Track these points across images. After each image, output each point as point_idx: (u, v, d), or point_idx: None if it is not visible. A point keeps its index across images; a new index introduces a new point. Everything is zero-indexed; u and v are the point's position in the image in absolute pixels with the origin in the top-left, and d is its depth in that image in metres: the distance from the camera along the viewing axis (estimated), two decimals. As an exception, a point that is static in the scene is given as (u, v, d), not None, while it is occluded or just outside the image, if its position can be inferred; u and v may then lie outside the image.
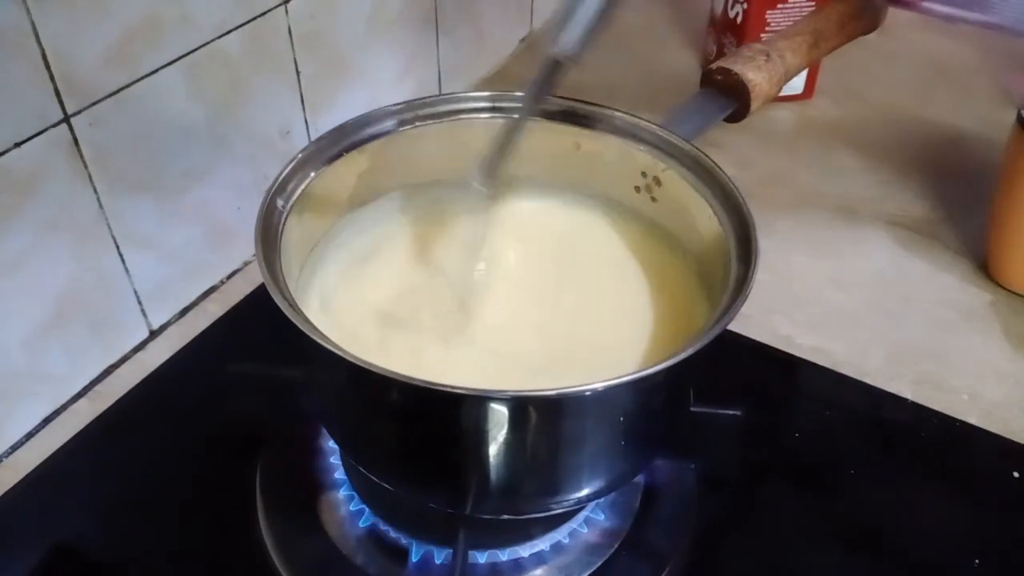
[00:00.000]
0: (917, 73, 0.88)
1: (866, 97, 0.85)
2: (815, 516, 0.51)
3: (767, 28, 0.79)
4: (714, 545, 0.49)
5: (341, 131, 0.46)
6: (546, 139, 0.49)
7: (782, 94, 0.54)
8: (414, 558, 0.46)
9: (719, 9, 0.83)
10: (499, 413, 0.37)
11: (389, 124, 0.48)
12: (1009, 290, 0.64)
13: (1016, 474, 0.52)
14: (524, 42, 0.92)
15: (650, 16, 0.97)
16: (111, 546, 0.49)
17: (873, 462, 0.53)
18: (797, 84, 0.82)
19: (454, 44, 0.80)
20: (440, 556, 0.46)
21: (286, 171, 0.44)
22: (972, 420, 0.55)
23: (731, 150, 0.72)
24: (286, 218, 0.42)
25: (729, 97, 0.48)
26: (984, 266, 0.66)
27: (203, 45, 0.55)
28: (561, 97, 0.49)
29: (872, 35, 0.59)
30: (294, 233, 0.43)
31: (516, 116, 0.43)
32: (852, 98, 0.84)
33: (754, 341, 0.59)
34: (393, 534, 0.47)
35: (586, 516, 0.48)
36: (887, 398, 0.56)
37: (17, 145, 0.47)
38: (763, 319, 0.61)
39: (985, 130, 0.79)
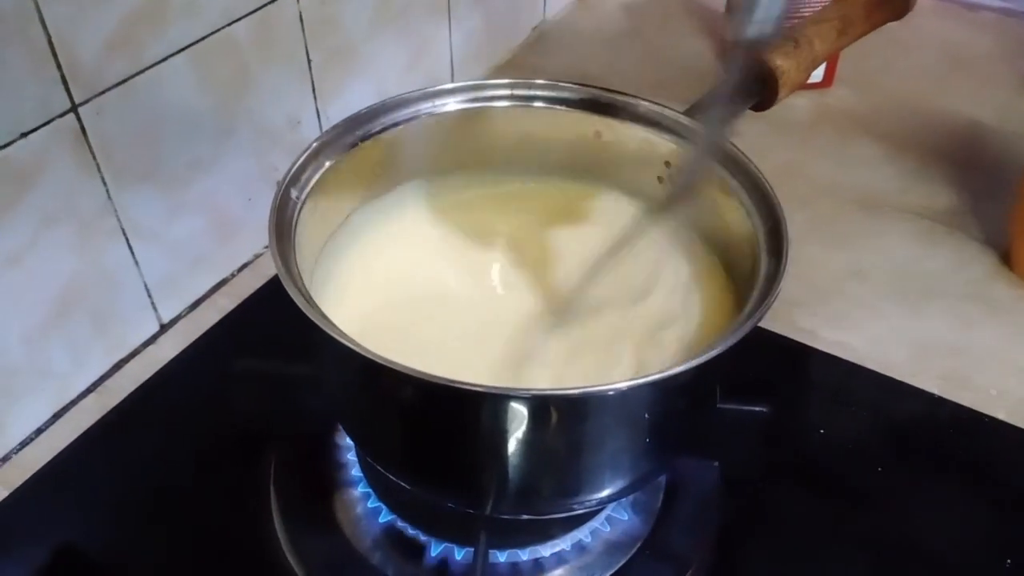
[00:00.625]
0: (937, 62, 0.87)
1: (885, 86, 0.83)
2: (841, 515, 0.49)
3: (787, 16, 0.77)
4: (738, 545, 0.48)
5: (356, 120, 0.45)
6: (566, 127, 0.48)
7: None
8: (432, 557, 0.45)
9: (736, -4, 0.81)
10: (520, 412, 0.36)
11: (405, 112, 0.46)
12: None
13: (1046, 471, 0.51)
14: (536, 30, 0.91)
15: (665, 3, 0.96)
16: (120, 546, 0.48)
17: (900, 459, 0.52)
18: (817, 72, 0.80)
19: (466, 32, 0.79)
20: (459, 555, 0.45)
21: (300, 160, 0.42)
22: (1000, 416, 0.54)
23: (747, 139, 0.70)
24: (300, 209, 0.41)
25: (757, 85, 0.47)
26: (1006, 261, 0.64)
27: (211, 33, 0.54)
28: (581, 84, 0.47)
29: (891, 23, 0.58)
30: (308, 224, 0.42)
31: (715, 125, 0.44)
32: (871, 87, 0.83)
33: (777, 335, 0.58)
34: (411, 532, 0.46)
35: (607, 515, 0.47)
36: (913, 393, 0.55)
37: (24, 135, 0.46)
38: (784, 312, 0.60)
39: (1006, 119, 0.78)
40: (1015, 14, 0.93)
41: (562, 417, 0.37)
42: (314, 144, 0.43)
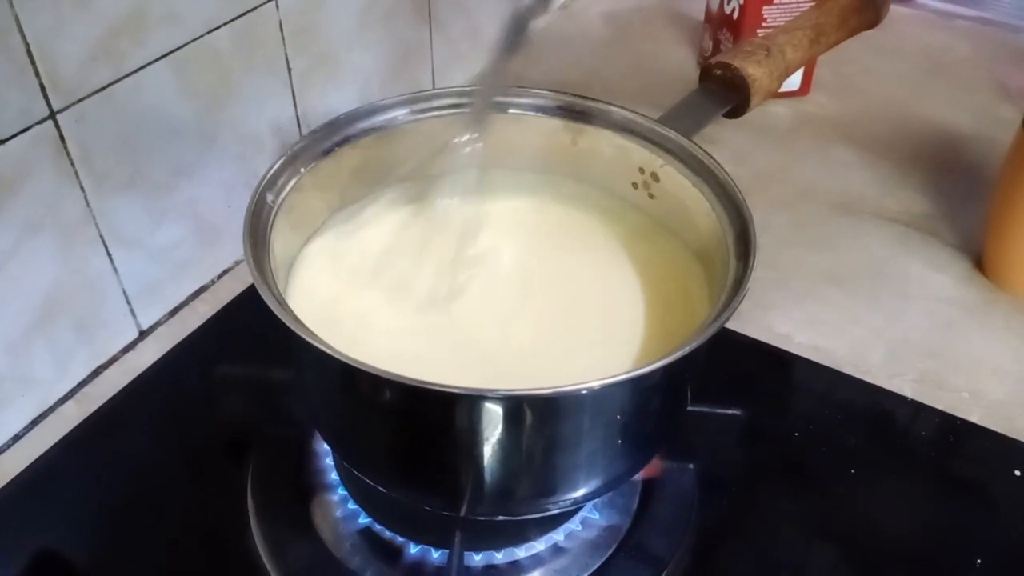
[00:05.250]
0: (914, 68, 0.88)
1: (863, 93, 0.84)
2: (815, 516, 0.50)
3: (763, 24, 0.78)
4: (713, 545, 0.48)
5: (333, 126, 0.46)
6: (542, 134, 0.49)
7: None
8: (409, 559, 0.45)
9: (715, 5, 0.82)
10: (493, 412, 0.37)
11: (382, 119, 0.47)
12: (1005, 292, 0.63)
13: (1018, 472, 0.52)
14: (518, 38, 0.91)
15: (646, 12, 0.97)
16: (99, 552, 0.48)
17: (873, 461, 0.52)
18: (793, 81, 0.81)
19: (447, 39, 0.79)
20: (436, 557, 0.45)
21: (276, 166, 0.43)
22: (973, 419, 0.54)
23: (727, 146, 0.72)
24: (276, 214, 0.42)
25: (729, 92, 0.47)
26: (979, 265, 0.65)
27: (191, 41, 0.54)
28: (557, 92, 0.48)
29: (869, 30, 0.58)
30: (284, 229, 0.42)
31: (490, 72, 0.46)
32: (849, 94, 0.84)
33: (752, 339, 0.58)
34: (388, 535, 0.46)
35: (583, 516, 0.47)
36: (887, 396, 0.56)
37: (1, 143, 0.46)
38: (760, 316, 0.60)
39: (982, 125, 0.79)
40: (990, 22, 0.94)
41: (535, 417, 0.37)
42: (291, 149, 0.44)
